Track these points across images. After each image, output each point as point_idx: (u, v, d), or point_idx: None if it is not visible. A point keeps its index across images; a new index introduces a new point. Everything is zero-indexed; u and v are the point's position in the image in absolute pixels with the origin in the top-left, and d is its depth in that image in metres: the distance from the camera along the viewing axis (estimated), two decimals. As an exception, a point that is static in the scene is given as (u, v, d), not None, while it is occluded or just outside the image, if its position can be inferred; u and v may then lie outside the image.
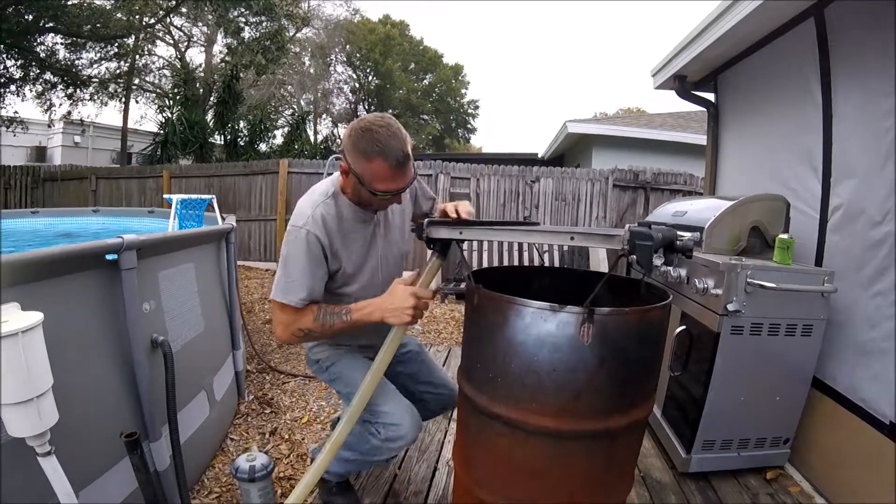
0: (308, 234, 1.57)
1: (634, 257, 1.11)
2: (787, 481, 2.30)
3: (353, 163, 1.51)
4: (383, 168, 1.48)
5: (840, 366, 2.24)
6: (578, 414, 1.31)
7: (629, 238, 1.12)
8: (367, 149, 1.47)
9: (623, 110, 29.50)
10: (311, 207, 1.60)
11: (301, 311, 1.60)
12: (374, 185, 1.51)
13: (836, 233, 2.37)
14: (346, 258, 1.67)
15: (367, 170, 1.49)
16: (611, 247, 1.16)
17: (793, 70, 2.70)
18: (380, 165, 1.48)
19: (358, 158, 1.49)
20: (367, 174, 1.50)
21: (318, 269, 1.61)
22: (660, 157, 9.64)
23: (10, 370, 1.23)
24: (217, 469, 2.53)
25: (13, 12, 10.87)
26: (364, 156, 1.48)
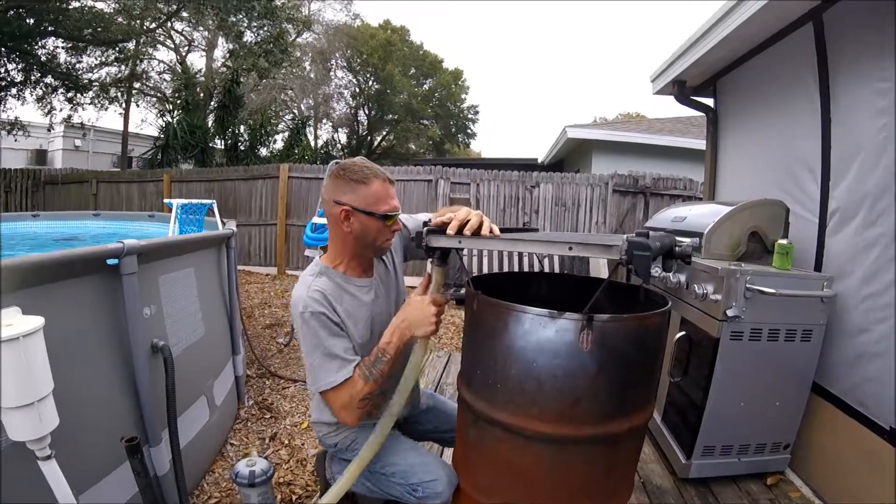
0: (313, 314, 1.49)
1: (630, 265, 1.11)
2: (788, 487, 2.29)
3: (352, 198, 1.50)
4: (381, 186, 1.50)
5: (839, 370, 2.24)
6: (578, 419, 1.31)
7: (627, 248, 1.12)
8: (359, 177, 1.49)
9: (622, 115, 29.55)
10: (307, 289, 1.53)
11: (350, 381, 1.49)
12: (380, 207, 1.51)
13: (834, 237, 2.37)
14: (355, 332, 1.59)
15: (368, 195, 1.50)
16: (609, 257, 1.16)
17: (791, 74, 2.71)
18: (378, 185, 1.50)
19: (354, 189, 1.50)
20: (370, 198, 1.50)
21: (341, 338, 1.53)
22: (659, 162, 9.65)
23: (11, 374, 1.23)
24: (217, 474, 2.53)
25: (14, 16, 10.90)
26: (360, 183, 1.49)
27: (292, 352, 4.57)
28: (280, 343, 4.80)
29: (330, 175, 1.54)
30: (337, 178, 1.52)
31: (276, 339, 4.94)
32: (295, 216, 8.92)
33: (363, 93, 24.65)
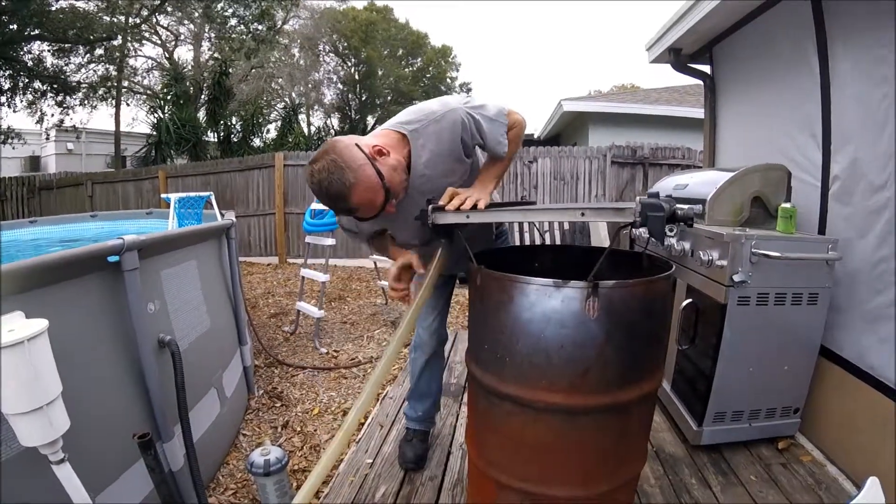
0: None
1: (642, 230, 1.10)
2: (799, 450, 2.30)
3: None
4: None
5: (847, 333, 2.23)
6: (588, 389, 1.31)
7: (640, 210, 1.11)
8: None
9: (617, 87, 29.29)
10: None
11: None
12: None
13: (837, 200, 2.35)
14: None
15: None
16: (622, 220, 1.15)
17: (789, 38, 2.66)
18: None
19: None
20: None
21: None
22: (657, 133, 9.59)
23: (17, 379, 1.22)
24: (231, 465, 2.55)
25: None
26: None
27: (298, 339, 4.58)
28: (286, 331, 4.81)
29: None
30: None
31: (281, 328, 4.95)
32: (293, 204, 8.89)
33: (351, 77, 24.41)
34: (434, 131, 1.54)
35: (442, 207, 1.47)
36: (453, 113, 1.55)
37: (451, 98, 1.61)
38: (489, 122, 1.59)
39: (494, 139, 1.61)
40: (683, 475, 2.12)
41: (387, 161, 1.46)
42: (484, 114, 1.58)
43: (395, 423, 2.64)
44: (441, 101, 1.60)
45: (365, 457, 2.35)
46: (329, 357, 4.11)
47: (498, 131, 1.61)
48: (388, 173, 1.44)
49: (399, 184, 1.50)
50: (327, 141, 1.46)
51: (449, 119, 1.54)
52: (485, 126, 1.58)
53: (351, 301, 6.09)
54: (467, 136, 1.58)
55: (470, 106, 1.58)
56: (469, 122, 1.56)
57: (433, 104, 1.59)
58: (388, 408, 2.84)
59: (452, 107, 1.56)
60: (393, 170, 1.46)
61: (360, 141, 1.47)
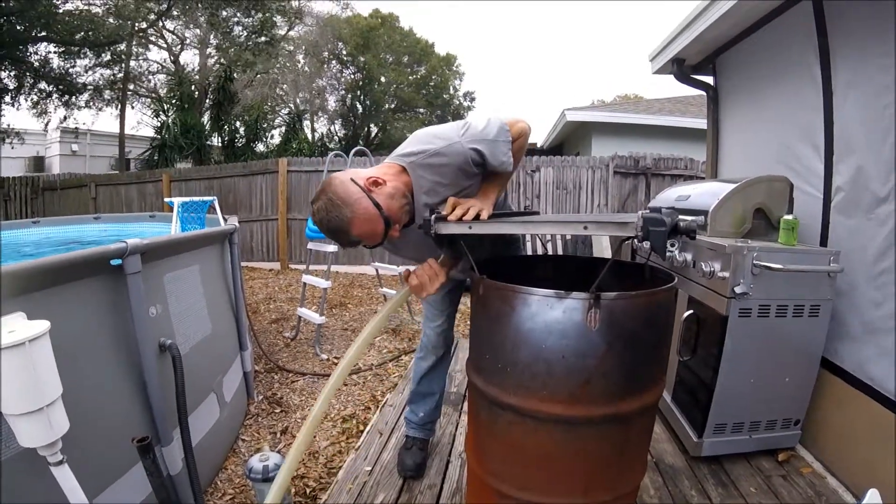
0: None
1: (645, 243, 1.11)
2: (799, 462, 2.30)
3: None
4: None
5: (848, 345, 2.23)
6: (589, 399, 1.31)
7: (642, 224, 1.12)
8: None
9: (620, 97, 29.36)
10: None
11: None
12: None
13: (839, 212, 2.36)
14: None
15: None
16: (625, 234, 1.16)
17: (791, 49, 2.68)
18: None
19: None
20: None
21: None
22: (659, 143, 9.60)
23: (18, 380, 1.23)
24: (230, 470, 2.54)
25: (5, 22, 10.87)
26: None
27: (299, 345, 4.58)
28: (287, 337, 4.81)
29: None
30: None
31: (282, 334, 4.95)
32: (296, 210, 8.90)
33: (354, 84, 24.46)
34: (433, 164, 1.55)
35: (444, 217, 1.48)
36: (453, 147, 1.54)
37: (451, 129, 1.60)
38: (491, 146, 1.58)
39: (497, 160, 1.61)
40: (683, 487, 2.11)
41: (383, 190, 1.47)
42: (485, 138, 1.57)
43: (395, 430, 2.64)
44: (441, 135, 1.58)
45: (364, 464, 2.34)
46: (329, 363, 4.11)
47: (500, 151, 1.60)
48: (386, 202, 1.46)
49: (399, 209, 1.51)
50: (324, 181, 1.51)
51: (449, 153, 1.55)
52: (487, 152, 1.57)
53: (352, 308, 6.09)
54: (468, 167, 1.58)
55: (470, 136, 1.56)
56: (469, 154, 1.55)
57: (433, 138, 1.58)
58: (387, 415, 2.84)
59: (453, 141, 1.55)
60: (390, 198, 1.48)
61: (356, 175, 1.50)
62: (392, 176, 1.55)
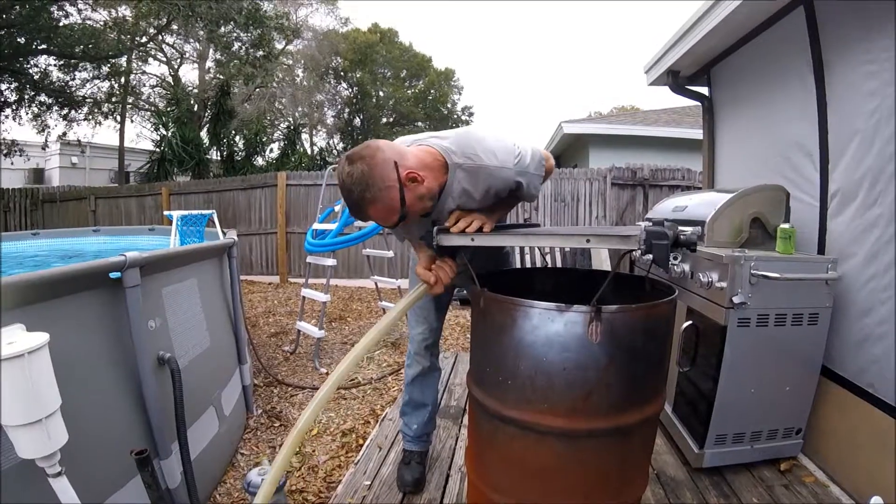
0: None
1: (647, 256, 1.11)
2: (802, 471, 2.28)
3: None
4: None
5: (846, 352, 2.23)
6: (590, 413, 1.31)
7: (645, 238, 1.13)
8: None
9: (617, 109, 29.57)
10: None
11: None
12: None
13: (835, 219, 2.37)
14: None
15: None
16: (627, 247, 1.17)
17: (785, 59, 2.71)
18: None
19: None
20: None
21: None
22: (656, 154, 9.67)
23: (17, 391, 1.23)
24: (229, 484, 2.52)
25: (5, 35, 10.93)
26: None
27: (298, 359, 4.56)
28: (286, 351, 4.79)
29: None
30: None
31: (281, 348, 4.93)
32: (295, 224, 8.92)
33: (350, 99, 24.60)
34: (475, 174, 1.55)
35: (447, 229, 1.48)
36: (503, 172, 1.55)
37: (507, 153, 1.58)
38: (532, 179, 1.62)
39: (530, 193, 1.66)
40: (685, 499, 2.10)
41: (416, 189, 1.45)
42: (529, 171, 1.60)
43: (395, 444, 2.62)
44: (499, 154, 1.56)
45: (363, 479, 2.33)
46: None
47: (535, 184, 1.65)
48: (412, 200, 1.45)
49: (420, 209, 1.51)
50: (371, 143, 1.44)
51: (496, 175, 1.55)
52: (525, 184, 1.61)
53: (351, 321, 6.08)
54: (503, 193, 1.61)
55: (520, 167, 1.57)
56: (512, 184, 1.58)
57: (490, 154, 1.55)
58: (386, 429, 2.82)
59: (506, 166, 1.55)
60: (419, 198, 1.47)
61: (401, 159, 1.45)
62: (432, 171, 1.51)
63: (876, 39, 2.07)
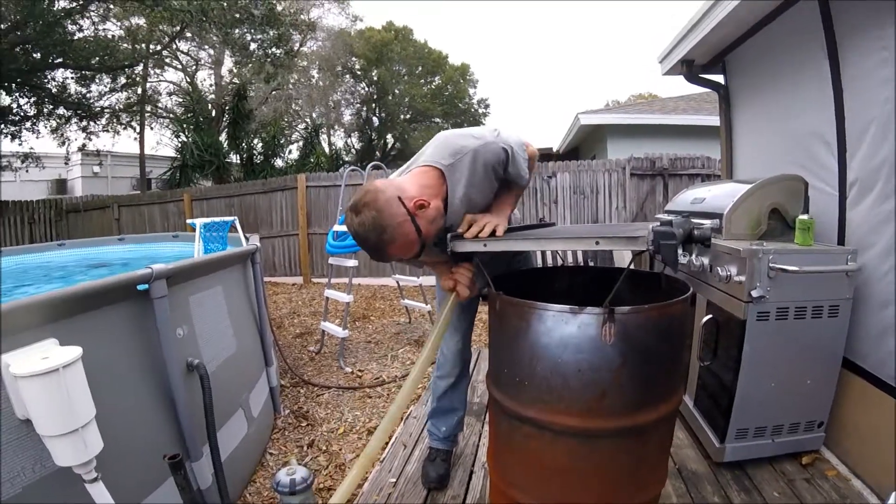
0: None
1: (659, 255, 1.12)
2: (824, 465, 2.27)
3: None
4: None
5: (868, 344, 2.19)
6: (605, 412, 1.33)
7: (653, 238, 1.14)
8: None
9: (634, 96, 29.23)
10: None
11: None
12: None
13: (854, 209, 2.33)
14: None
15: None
16: (636, 248, 1.18)
17: (799, 45, 2.65)
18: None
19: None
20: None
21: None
22: (675, 142, 9.55)
23: (53, 404, 1.31)
24: (258, 484, 2.59)
25: (21, 51, 11.18)
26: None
27: (324, 359, 4.64)
28: (311, 351, 4.87)
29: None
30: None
31: (307, 348, 5.02)
32: (316, 225, 9.02)
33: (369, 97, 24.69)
34: (469, 164, 1.59)
35: (461, 235, 1.51)
36: (489, 146, 1.61)
37: (485, 130, 1.68)
38: (514, 154, 1.66)
39: (516, 170, 1.68)
40: (706, 493, 2.11)
41: (426, 214, 1.48)
42: (511, 144, 1.65)
43: (419, 442, 2.67)
44: (475, 134, 1.65)
45: (388, 476, 2.38)
46: (354, 376, 4.16)
47: (522, 167, 1.69)
48: (426, 227, 1.48)
49: (435, 232, 1.54)
50: (370, 188, 1.45)
51: (485, 152, 1.60)
52: (512, 160, 1.65)
53: (375, 320, 6.15)
54: (499, 167, 1.64)
55: (503, 139, 1.64)
56: (503, 155, 1.62)
57: (468, 139, 1.63)
58: (411, 427, 2.87)
59: (489, 140, 1.61)
60: (430, 222, 1.50)
61: (403, 192, 1.47)
62: (432, 189, 1.55)
63: (888, 26, 2.03)
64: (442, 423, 2.33)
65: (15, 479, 1.35)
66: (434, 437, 2.36)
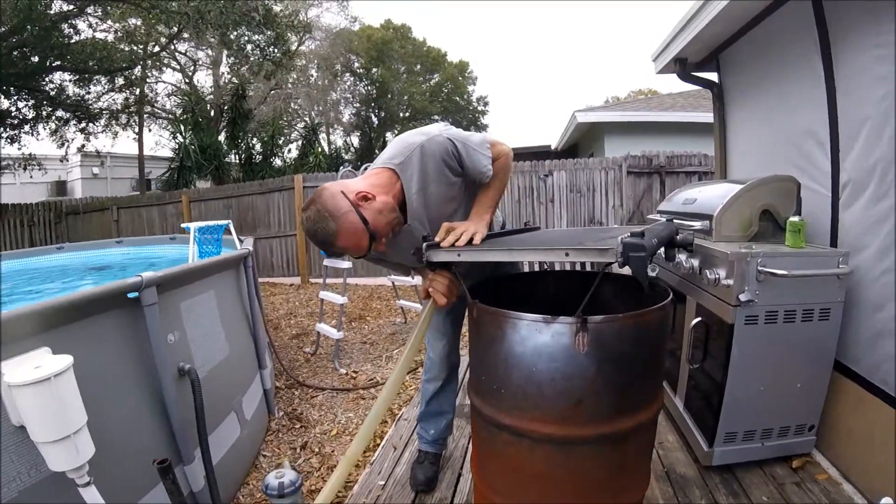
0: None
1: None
2: (815, 468, 2.26)
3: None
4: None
5: (860, 348, 2.18)
6: (581, 420, 1.34)
7: (622, 250, 1.13)
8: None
9: (634, 93, 29.12)
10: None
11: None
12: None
13: (847, 210, 2.31)
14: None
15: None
16: (605, 260, 1.17)
17: (793, 42, 2.63)
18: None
19: None
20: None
21: None
22: (673, 139, 9.52)
23: (45, 411, 1.34)
24: (251, 486, 2.61)
25: (19, 55, 11.20)
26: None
27: (319, 360, 4.65)
28: (307, 352, 4.89)
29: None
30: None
31: (303, 349, 5.03)
32: (313, 225, 9.00)
33: (368, 96, 24.68)
34: (418, 160, 1.63)
35: (437, 244, 1.52)
36: (434, 140, 1.64)
37: (432, 126, 1.72)
38: (471, 151, 1.68)
39: (476, 169, 1.70)
40: (694, 496, 2.11)
41: (371, 206, 1.54)
42: (466, 143, 1.67)
43: (409, 444, 2.68)
44: (422, 131, 1.70)
45: (377, 478, 2.39)
46: (348, 378, 4.17)
47: (480, 161, 1.69)
48: (373, 217, 1.52)
49: (385, 225, 1.57)
50: (317, 189, 1.56)
51: (431, 146, 1.63)
52: (465, 153, 1.66)
53: (371, 320, 6.16)
54: (450, 160, 1.66)
55: (450, 133, 1.67)
56: (450, 146, 1.64)
57: (414, 136, 1.69)
58: (402, 429, 2.88)
59: (433, 134, 1.66)
60: (378, 213, 1.54)
61: (346, 188, 1.55)
62: (382, 187, 1.62)
63: (886, 22, 1.99)
64: (431, 427, 2.35)
65: (12, 482, 1.39)
66: (423, 440, 2.38)
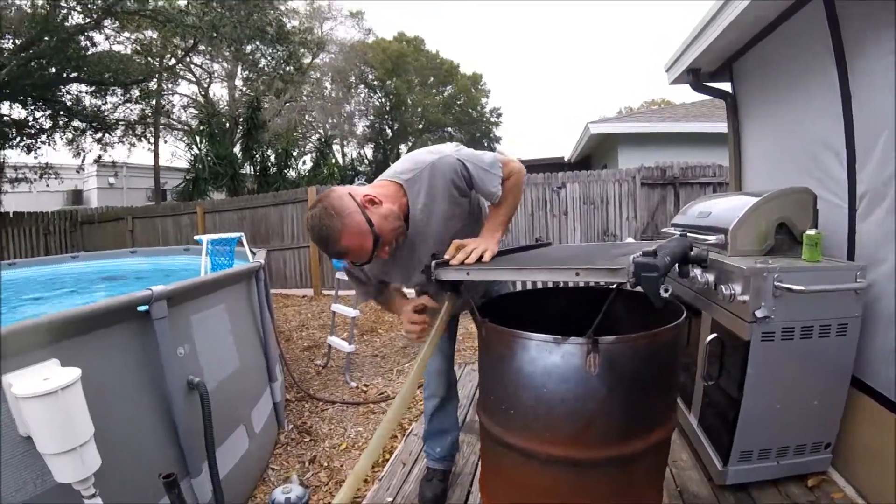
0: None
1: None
2: (831, 487, 2.20)
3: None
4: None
5: (878, 363, 2.12)
6: (592, 442, 1.31)
7: (634, 270, 1.10)
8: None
9: (647, 103, 29.05)
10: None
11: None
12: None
13: (864, 222, 2.26)
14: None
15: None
16: (616, 280, 1.14)
17: (806, 51, 2.60)
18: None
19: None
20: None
21: None
22: (687, 150, 9.44)
23: (53, 423, 1.35)
24: (259, 499, 2.60)
25: (36, 66, 11.43)
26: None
27: (330, 373, 4.64)
28: (318, 365, 4.88)
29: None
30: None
31: (314, 362, 5.03)
32: (326, 236, 9.03)
33: (383, 108, 24.85)
34: (427, 177, 1.63)
35: (447, 262, 1.50)
36: (445, 160, 1.64)
37: (445, 146, 1.71)
38: (482, 172, 1.66)
39: (486, 189, 1.69)
40: (707, 517, 2.06)
41: (378, 210, 1.54)
42: (476, 163, 1.66)
43: (419, 461, 2.65)
44: (434, 150, 1.70)
45: (386, 495, 2.36)
46: (359, 391, 4.15)
47: (491, 182, 1.67)
48: (378, 221, 1.52)
49: (390, 231, 1.57)
50: (324, 192, 1.57)
51: (441, 165, 1.63)
52: (476, 175, 1.65)
53: (383, 333, 6.15)
54: (459, 181, 1.65)
55: (462, 154, 1.66)
56: (460, 168, 1.63)
57: (426, 154, 1.69)
58: (411, 445, 2.85)
59: (445, 154, 1.65)
60: (384, 218, 1.54)
61: (353, 191, 1.56)
62: (388, 197, 1.62)
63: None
64: (436, 445, 2.33)
65: (18, 492, 1.40)
66: (430, 458, 2.35)
